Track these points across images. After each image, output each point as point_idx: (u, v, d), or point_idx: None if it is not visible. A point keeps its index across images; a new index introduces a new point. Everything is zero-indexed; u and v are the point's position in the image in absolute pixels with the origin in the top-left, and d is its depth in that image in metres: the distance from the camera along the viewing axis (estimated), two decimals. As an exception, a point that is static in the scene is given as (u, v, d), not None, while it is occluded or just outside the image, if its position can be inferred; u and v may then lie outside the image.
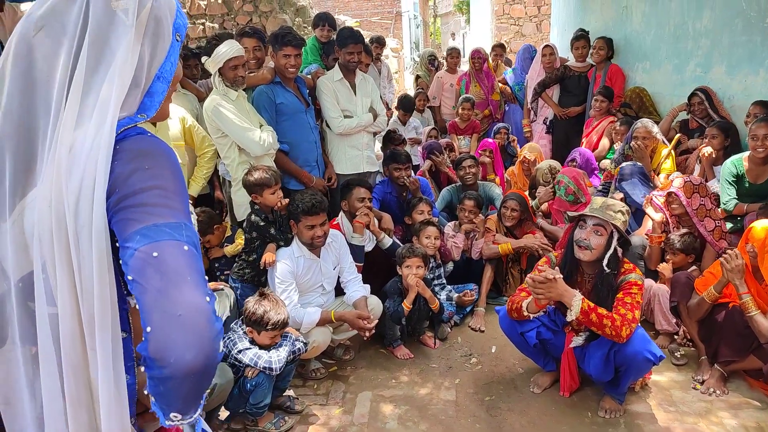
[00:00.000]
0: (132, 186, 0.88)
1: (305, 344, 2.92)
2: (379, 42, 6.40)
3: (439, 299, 3.61)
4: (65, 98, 0.89)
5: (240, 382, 2.67)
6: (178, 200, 0.92)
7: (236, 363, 2.68)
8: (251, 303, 2.72)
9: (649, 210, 3.71)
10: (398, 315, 3.40)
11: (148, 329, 0.83)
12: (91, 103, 0.90)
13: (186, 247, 0.89)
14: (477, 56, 6.67)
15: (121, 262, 0.88)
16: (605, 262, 2.70)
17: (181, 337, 0.83)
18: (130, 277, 0.86)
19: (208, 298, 0.88)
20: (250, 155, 3.54)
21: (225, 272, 3.61)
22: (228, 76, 3.43)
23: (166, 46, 0.98)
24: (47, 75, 0.91)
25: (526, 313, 2.80)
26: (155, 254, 0.85)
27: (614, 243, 2.71)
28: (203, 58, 3.48)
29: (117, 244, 0.89)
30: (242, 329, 2.77)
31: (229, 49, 3.37)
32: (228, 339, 2.75)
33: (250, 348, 2.69)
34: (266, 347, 2.74)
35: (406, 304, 3.40)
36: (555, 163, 5.07)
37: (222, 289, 3.19)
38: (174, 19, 1.00)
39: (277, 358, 2.68)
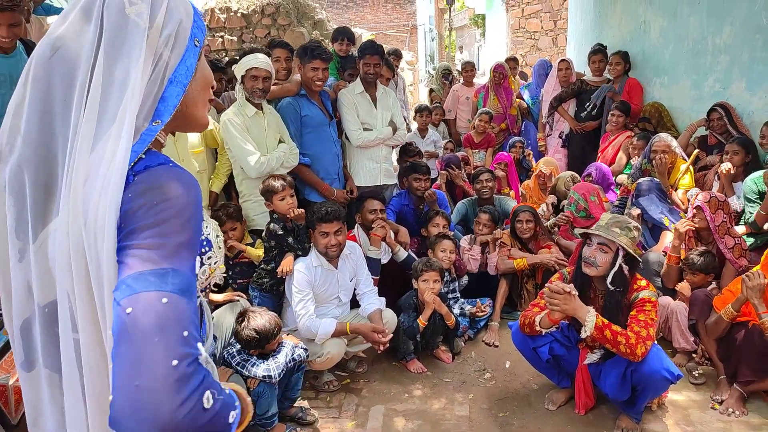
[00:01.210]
0: (134, 223, 0.84)
1: (305, 350, 2.92)
2: (396, 54, 6.45)
3: (453, 314, 3.59)
4: (81, 122, 0.87)
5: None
6: (177, 240, 0.84)
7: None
8: (242, 332, 2.71)
9: (677, 225, 3.63)
10: (413, 331, 3.39)
11: (110, 398, 0.76)
12: (106, 125, 0.87)
13: (165, 299, 0.79)
14: (499, 70, 6.69)
15: None
16: (609, 279, 2.69)
17: (134, 412, 0.73)
18: (109, 333, 0.81)
19: (175, 362, 0.75)
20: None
21: (238, 281, 3.61)
22: (246, 86, 3.54)
23: (182, 51, 0.96)
24: (64, 98, 0.89)
25: (538, 328, 2.78)
26: (129, 310, 0.77)
27: (619, 260, 2.69)
28: (233, 67, 3.59)
29: None
30: (238, 345, 2.79)
31: (253, 59, 3.50)
32: (227, 354, 2.77)
33: (248, 360, 2.71)
34: (264, 356, 2.75)
35: (422, 321, 3.39)
36: (575, 175, 5.04)
37: (237, 300, 3.21)
38: (192, 24, 0.98)
39: (275, 365, 2.70)
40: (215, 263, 1.28)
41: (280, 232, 3.30)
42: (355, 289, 3.47)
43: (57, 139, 0.88)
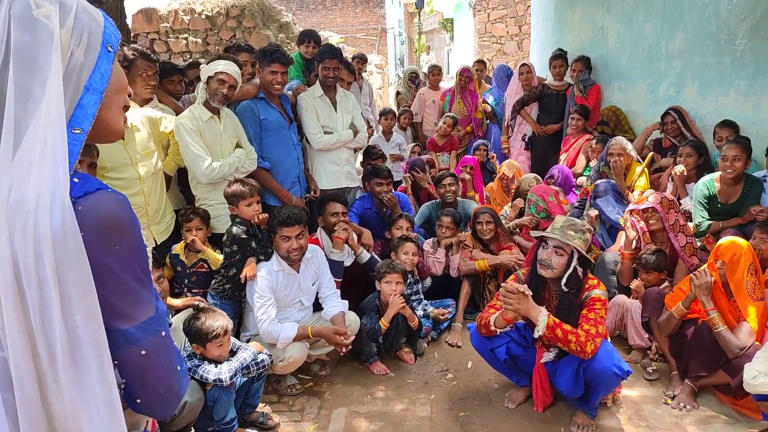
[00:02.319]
0: (105, 271, 0.91)
1: (269, 355, 2.91)
2: (361, 58, 6.46)
3: (417, 315, 3.62)
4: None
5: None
6: (148, 277, 0.99)
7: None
8: (188, 321, 2.70)
9: (627, 226, 3.77)
10: (375, 333, 3.40)
11: (138, 401, 1.02)
12: (30, 138, 0.85)
13: (164, 333, 1.02)
14: (465, 74, 6.77)
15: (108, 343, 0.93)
16: (564, 281, 2.75)
17: (164, 406, 1.06)
18: (116, 362, 0.96)
19: (179, 367, 1.07)
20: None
21: (194, 290, 3.53)
22: (211, 87, 3.46)
23: (95, 57, 0.95)
24: None
25: (493, 328, 2.83)
26: (143, 353, 0.97)
27: (574, 262, 2.76)
28: (201, 66, 3.53)
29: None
30: (191, 349, 2.76)
31: (225, 64, 3.46)
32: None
33: (199, 365, 2.68)
34: (217, 361, 2.72)
35: (384, 323, 3.40)
36: (538, 177, 5.13)
37: (197, 305, 3.17)
38: (102, 30, 0.97)
39: (227, 368, 2.66)
40: None
41: (244, 236, 3.27)
42: (318, 293, 3.47)
43: None
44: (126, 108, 1.08)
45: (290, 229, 3.16)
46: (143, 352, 0.97)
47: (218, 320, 2.69)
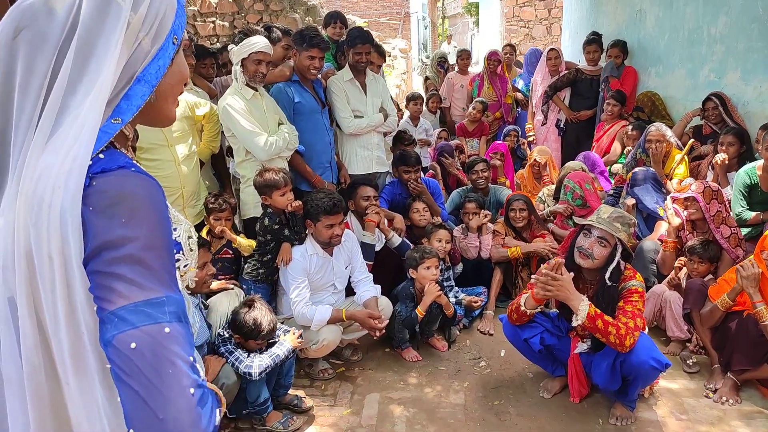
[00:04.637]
0: (107, 245, 0.78)
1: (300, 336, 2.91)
2: (379, 52, 6.26)
3: (451, 303, 3.58)
4: (38, 116, 0.80)
5: None
6: (159, 261, 0.82)
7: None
8: (241, 315, 2.70)
9: (669, 213, 3.66)
10: (411, 321, 3.38)
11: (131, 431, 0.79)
12: (68, 120, 0.80)
13: (167, 329, 0.80)
14: (494, 58, 6.64)
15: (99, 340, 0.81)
16: (608, 275, 2.68)
17: None
18: (108, 366, 0.79)
19: (192, 390, 0.80)
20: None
21: (219, 277, 3.39)
22: (249, 70, 3.37)
23: (158, 48, 0.88)
24: (25, 87, 0.81)
25: (523, 309, 2.78)
26: (133, 345, 0.77)
27: (618, 256, 2.68)
28: (230, 46, 3.43)
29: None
30: (228, 332, 2.76)
31: (258, 41, 3.34)
32: (219, 339, 2.75)
33: (233, 352, 2.69)
34: (251, 350, 2.74)
35: (420, 311, 3.38)
36: (584, 166, 4.96)
37: (231, 288, 3.17)
38: (174, 19, 0.90)
39: (258, 363, 2.65)
40: (185, 266, 1.19)
41: (276, 226, 3.25)
42: (350, 277, 3.45)
43: (11, 129, 0.81)
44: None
45: (334, 218, 3.14)
46: (133, 345, 0.77)
47: (267, 318, 2.70)
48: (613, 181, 4.99)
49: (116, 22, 0.83)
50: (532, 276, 2.76)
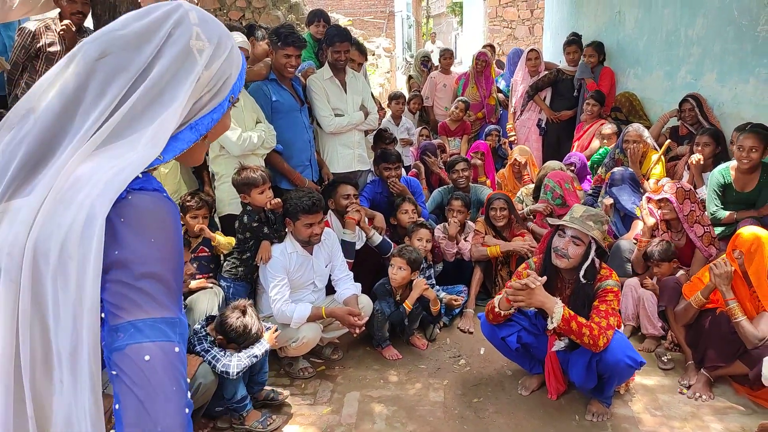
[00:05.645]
0: (134, 261, 0.84)
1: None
2: (360, 50, 6.25)
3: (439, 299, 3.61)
4: (93, 131, 0.86)
5: None
6: (177, 284, 0.89)
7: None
8: (232, 319, 2.69)
9: (645, 213, 3.72)
10: (399, 316, 3.40)
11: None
12: (121, 144, 0.87)
13: (177, 348, 0.86)
14: (482, 58, 6.66)
15: (103, 343, 0.84)
16: (582, 273, 2.71)
17: None
18: (114, 372, 0.83)
19: (187, 410, 0.86)
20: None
21: (197, 276, 3.39)
22: None
23: (216, 104, 0.96)
24: (91, 102, 0.87)
25: (497, 310, 2.81)
26: (147, 358, 0.82)
27: (592, 254, 2.72)
28: None
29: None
30: (205, 330, 2.74)
31: (235, 37, 3.33)
32: (195, 338, 2.73)
33: (209, 349, 2.67)
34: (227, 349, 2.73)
35: (408, 305, 3.39)
36: (563, 165, 5.01)
37: (211, 287, 3.15)
38: (236, 80, 0.99)
39: (236, 362, 2.64)
40: None
41: (255, 224, 3.24)
42: (330, 275, 3.45)
43: (65, 135, 0.86)
44: None
45: (314, 217, 3.13)
46: (147, 357, 0.82)
47: (256, 325, 2.71)
48: (592, 181, 5.05)
49: (189, 73, 0.91)
50: (506, 284, 2.77)
